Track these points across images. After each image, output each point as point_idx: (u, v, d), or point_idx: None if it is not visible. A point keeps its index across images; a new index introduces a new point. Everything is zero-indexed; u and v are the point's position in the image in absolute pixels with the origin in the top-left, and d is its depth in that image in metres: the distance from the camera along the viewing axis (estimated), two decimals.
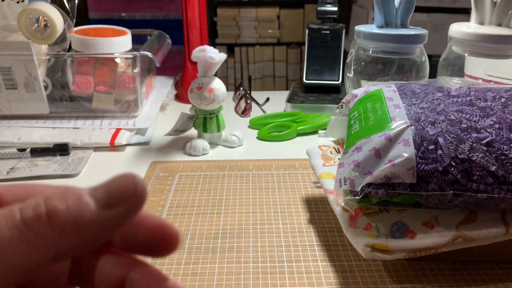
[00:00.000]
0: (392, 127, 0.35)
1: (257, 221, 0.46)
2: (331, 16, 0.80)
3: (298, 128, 0.68)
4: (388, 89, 0.42)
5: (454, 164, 0.33)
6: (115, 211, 0.15)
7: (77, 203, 0.15)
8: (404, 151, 0.33)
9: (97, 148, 0.63)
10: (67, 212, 0.15)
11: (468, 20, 0.61)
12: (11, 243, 0.14)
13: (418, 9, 0.83)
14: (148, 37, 0.84)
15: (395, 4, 0.57)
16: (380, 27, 0.58)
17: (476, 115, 0.36)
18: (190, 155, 0.62)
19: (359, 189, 0.34)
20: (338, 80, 0.81)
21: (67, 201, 0.15)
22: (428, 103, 0.38)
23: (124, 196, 0.15)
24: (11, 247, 0.14)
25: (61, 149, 0.60)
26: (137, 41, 0.77)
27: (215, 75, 0.62)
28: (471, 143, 0.33)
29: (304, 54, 0.82)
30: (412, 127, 0.35)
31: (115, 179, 0.16)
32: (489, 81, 0.61)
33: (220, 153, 0.63)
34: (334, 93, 0.82)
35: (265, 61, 1.70)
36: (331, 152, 0.49)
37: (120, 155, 0.62)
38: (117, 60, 0.71)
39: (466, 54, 0.58)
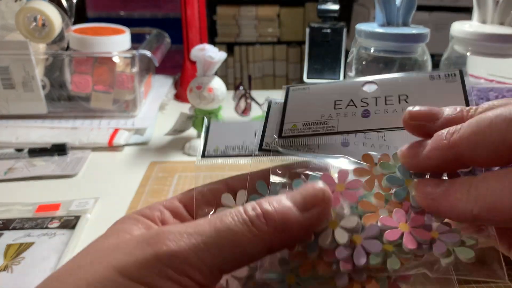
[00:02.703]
0: None
1: None
2: (332, 14, 0.80)
3: None
4: None
5: None
6: (310, 213, 0.19)
7: (281, 206, 0.19)
8: None
9: (96, 148, 0.63)
10: (275, 213, 0.19)
11: (470, 19, 0.60)
12: (243, 234, 0.18)
13: (420, 8, 0.82)
14: (147, 36, 0.83)
15: (397, 2, 0.57)
16: (382, 26, 0.58)
17: None
18: (189, 155, 0.61)
19: None
20: (339, 79, 0.80)
21: (273, 205, 0.19)
22: None
23: (316, 201, 0.19)
24: (243, 237, 0.18)
25: (59, 149, 0.60)
26: (136, 40, 0.77)
27: (215, 74, 0.62)
28: None
29: (305, 53, 0.82)
30: None
31: (307, 187, 0.20)
32: (491, 80, 0.61)
33: None
34: None
35: (265, 60, 1.70)
36: None
37: (118, 155, 0.62)
38: (116, 59, 0.70)
39: (468, 53, 0.58)
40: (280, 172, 0.23)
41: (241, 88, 0.78)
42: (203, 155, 0.25)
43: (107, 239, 0.20)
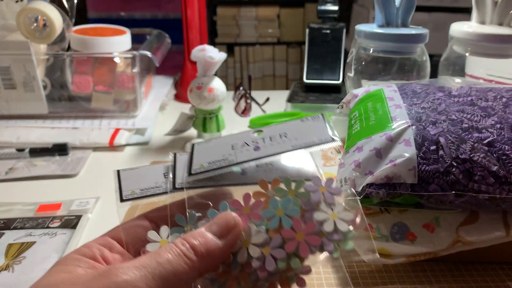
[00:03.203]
0: (393, 127, 0.35)
1: None
2: (332, 15, 0.80)
3: None
4: (389, 89, 0.42)
5: (455, 164, 0.32)
6: (227, 239, 0.24)
7: (204, 238, 0.24)
8: (405, 151, 0.33)
9: (96, 148, 0.63)
10: (200, 246, 0.24)
11: (469, 19, 0.61)
12: (180, 265, 0.23)
13: (419, 9, 0.83)
14: (148, 37, 0.83)
15: (396, 3, 0.57)
16: (381, 26, 0.58)
17: (477, 115, 0.35)
18: None
19: (360, 189, 0.34)
20: (338, 80, 0.81)
21: (197, 239, 0.24)
22: (429, 103, 0.38)
23: (229, 228, 0.24)
24: (180, 268, 0.23)
25: (60, 149, 0.60)
26: (137, 40, 0.77)
27: (215, 74, 0.62)
28: (472, 143, 0.33)
29: (305, 54, 0.82)
30: (413, 127, 0.35)
31: (221, 217, 0.25)
32: (490, 80, 0.61)
33: None
34: (335, 92, 0.81)
35: (265, 60, 1.70)
36: (331, 152, 0.48)
37: (119, 155, 0.62)
38: (116, 59, 0.71)
39: (467, 54, 0.58)
40: (194, 203, 0.28)
41: (241, 88, 0.79)
42: (121, 200, 0.29)
43: (55, 275, 0.23)
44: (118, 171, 0.31)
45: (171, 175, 0.30)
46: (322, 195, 0.26)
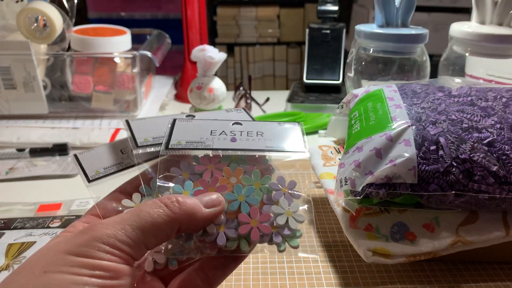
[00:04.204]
0: (393, 127, 0.35)
1: None
2: (332, 15, 0.80)
3: None
4: (389, 89, 0.42)
5: (455, 164, 0.32)
6: (210, 210, 0.26)
7: (190, 200, 0.25)
8: (405, 151, 0.33)
9: None
10: (186, 202, 0.25)
11: (469, 19, 0.61)
12: (159, 216, 0.24)
13: (419, 9, 0.83)
14: (148, 37, 0.84)
15: (396, 3, 0.57)
16: (381, 26, 0.58)
17: (477, 115, 0.35)
18: None
19: (360, 189, 0.34)
20: (338, 80, 0.81)
21: (186, 198, 0.25)
22: (429, 103, 0.38)
23: (214, 203, 0.27)
24: (160, 219, 0.24)
25: (60, 149, 0.60)
26: (137, 40, 0.77)
27: (215, 74, 0.62)
28: (472, 143, 0.33)
29: (305, 54, 0.82)
30: (413, 127, 0.35)
31: (206, 194, 0.27)
32: (490, 80, 0.61)
33: None
34: (335, 92, 0.81)
35: (265, 60, 1.70)
36: (331, 152, 0.48)
37: None
38: (117, 59, 0.71)
39: (467, 54, 0.58)
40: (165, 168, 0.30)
41: (241, 88, 0.79)
42: (89, 181, 0.31)
43: (49, 243, 0.24)
44: (76, 155, 0.32)
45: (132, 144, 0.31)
46: (283, 195, 0.29)
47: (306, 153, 0.31)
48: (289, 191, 0.29)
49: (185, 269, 0.29)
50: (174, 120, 0.33)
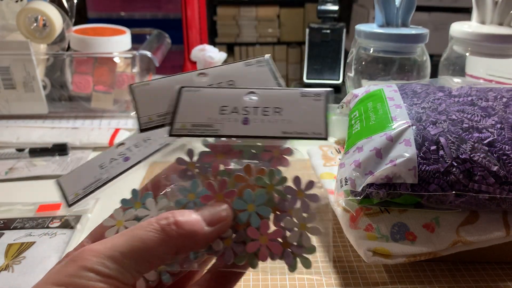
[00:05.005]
0: (393, 127, 0.35)
1: None
2: (332, 15, 0.80)
3: None
4: (389, 89, 0.42)
5: (455, 164, 0.32)
6: (215, 228, 0.24)
7: (192, 218, 0.23)
8: (405, 151, 0.33)
9: (96, 148, 0.63)
10: (186, 223, 0.23)
11: (469, 19, 0.61)
12: (153, 241, 0.22)
13: (419, 8, 0.83)
14: (148, 37, 0.83)
15: (396, 3, 0.57)
16: (381, 26, 0.58)
17: (477, 115, 0.35)
18: None
19: (360, 189, 0.34)
20: (338, 80, 0.81)
21: (185, 216, 0.23)
22: (430, 103, 0.38)
23: (220, 219, 0.24)
24: (153, 243, 0.22)
25: (60, 149, 0.60)
26: (136, 40, 0.77)
27: None
28: (472, 143, 0.33)
29: (305, 54, 0.82)
30: (414, 127, 0.34)
31: (214, 206, 0.25)
32: (491, 80, 0.61)
33: None
34: (335, 92, 0.81)
35: None
36: (331, 152, 0.48)
37: None
38: (116, 59, 0.70)
39: (467, 54, 0.58)
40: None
41: None
42: (69, 205, 0.30)
43: (45, 275, 0.23)
44: (58, 180, 0.31)
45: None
46: (299, 201, 0.25)
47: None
48: (305, 194, 0.26)
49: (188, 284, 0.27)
50: (180, 90, 0.29)
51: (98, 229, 0.28)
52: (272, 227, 0.25)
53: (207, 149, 0.28)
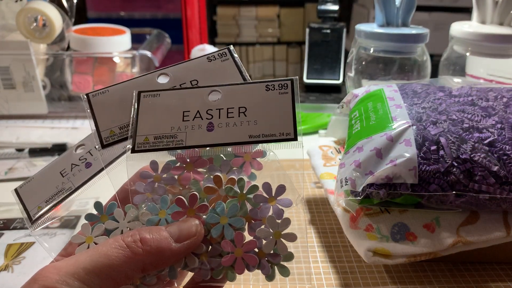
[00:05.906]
0: (393, 127, 0.35)
1: None
2: (332, 15, 0.80)
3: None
4: (389, 89, 0.42)
5: (456, 164, 0.32)
6: (183, 244, 0.23)
7: (159, 235, 0.23)
8: (405, 151, 0.33)
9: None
10: (152, 240, 0.22)
11: (469, 19, 0.61)
12: (118, 258, 0.22)
13: (419, 8, 0.83)
14: (147, 37, 0.83)
15: (396, 3, 0.57)
16: (381, 26, 0.58)
17: (478, 115, 0.35)
18: None
19: (360, 189, 0.33)
20: (338, 80, 0.81)
21: (152, 233, 0.23)
22: (430, 102, 0.38)
23: (189, 235, 0.23)
24: (118, 260, 0.22)
25: (60, 149, 0.60)
26: (136, 40, 0.77)
27: None
28: (473, 143, 0.33)
29: (305, 54, 0.82)
30: (414, 127, 0.34)
31: (183, 222, 0.24)
32: (491, 80, 0.61)
33: None
34: (335, 92, 0.81)
35: (265, 60, 1.70)
36: (331, 152, 0.48)
37: None
38: (116, 59, 0.70)
39: (467, 54, 0.58)
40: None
41: None
42: (32, 222, 0.28)
43: None
44: (16, 190, 0.29)
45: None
46: (271, 209, 0.25)
47: (294, 138, 0.26)
48: (277, 200, 0.25)
49: None
50: (139, 95, 0.27)
51: (68, 246, 0.28)
52: (248, 237, 0.25)
53: (173, 158, 0.26)
